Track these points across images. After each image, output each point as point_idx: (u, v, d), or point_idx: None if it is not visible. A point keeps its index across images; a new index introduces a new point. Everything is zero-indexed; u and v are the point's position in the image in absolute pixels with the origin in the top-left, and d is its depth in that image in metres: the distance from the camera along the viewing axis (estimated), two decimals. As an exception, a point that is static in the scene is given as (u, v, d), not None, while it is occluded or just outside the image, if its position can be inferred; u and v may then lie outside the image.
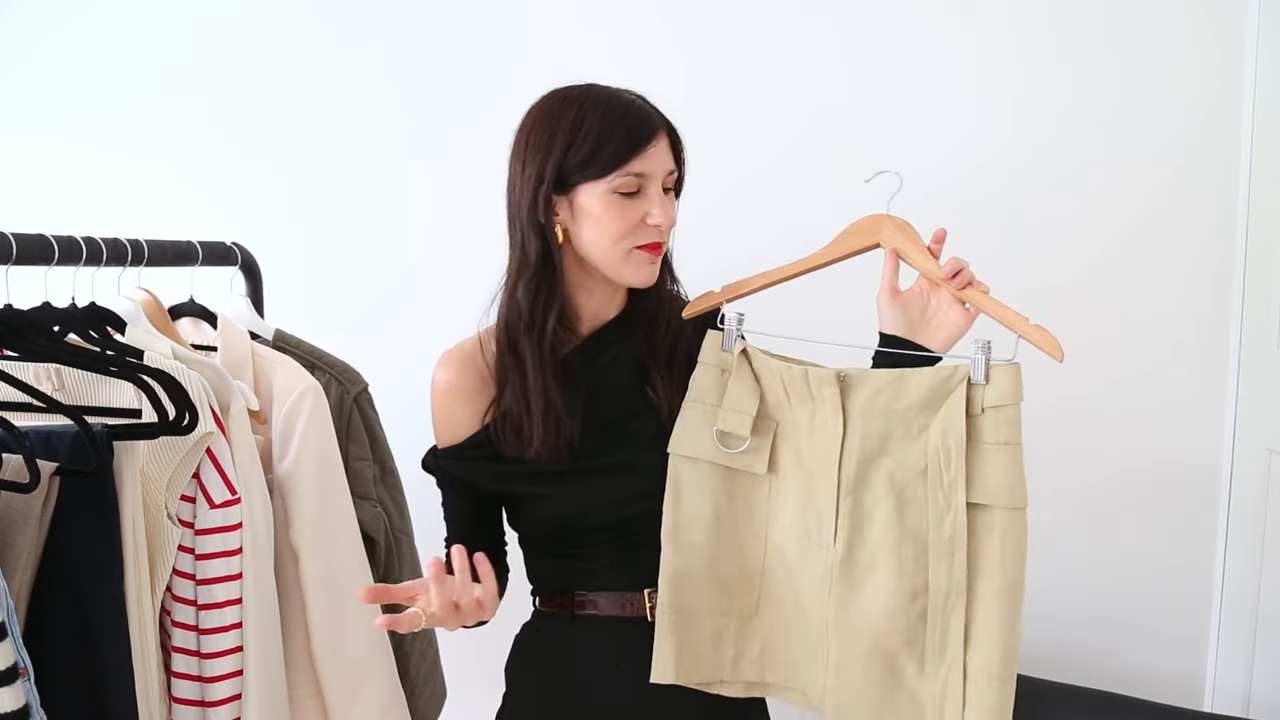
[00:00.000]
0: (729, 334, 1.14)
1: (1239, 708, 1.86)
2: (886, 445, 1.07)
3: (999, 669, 1.03)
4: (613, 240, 1.12)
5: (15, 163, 2.10)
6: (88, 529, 0.97)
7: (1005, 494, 1.03)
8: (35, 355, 1.05)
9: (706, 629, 1.15)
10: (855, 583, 1.08)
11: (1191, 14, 1.83)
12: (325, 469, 1.24)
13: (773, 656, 1.16)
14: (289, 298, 1.63)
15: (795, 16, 1.92)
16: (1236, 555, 1.87)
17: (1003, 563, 1.03)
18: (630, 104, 1.13)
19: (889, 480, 1.07)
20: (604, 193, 1.11)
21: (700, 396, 1.15)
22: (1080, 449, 1.90)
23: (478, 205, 1.22)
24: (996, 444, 1.03)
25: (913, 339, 1.13)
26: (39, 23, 2.07)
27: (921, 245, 1.12)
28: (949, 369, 1.05)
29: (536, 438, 1.14)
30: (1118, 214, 1.87)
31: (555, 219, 1.14)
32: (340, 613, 1.22)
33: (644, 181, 1.12)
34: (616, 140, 1.10)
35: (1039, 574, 1.91)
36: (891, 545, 1.06)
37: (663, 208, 1.12)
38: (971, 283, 1.10)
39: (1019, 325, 1.05)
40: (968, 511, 1.04)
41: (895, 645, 1.06)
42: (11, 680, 0.82)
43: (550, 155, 1.11)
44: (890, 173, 1.12)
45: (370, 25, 2.01)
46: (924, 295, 1.14)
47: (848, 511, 1.08)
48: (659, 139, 1.13)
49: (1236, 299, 1.85)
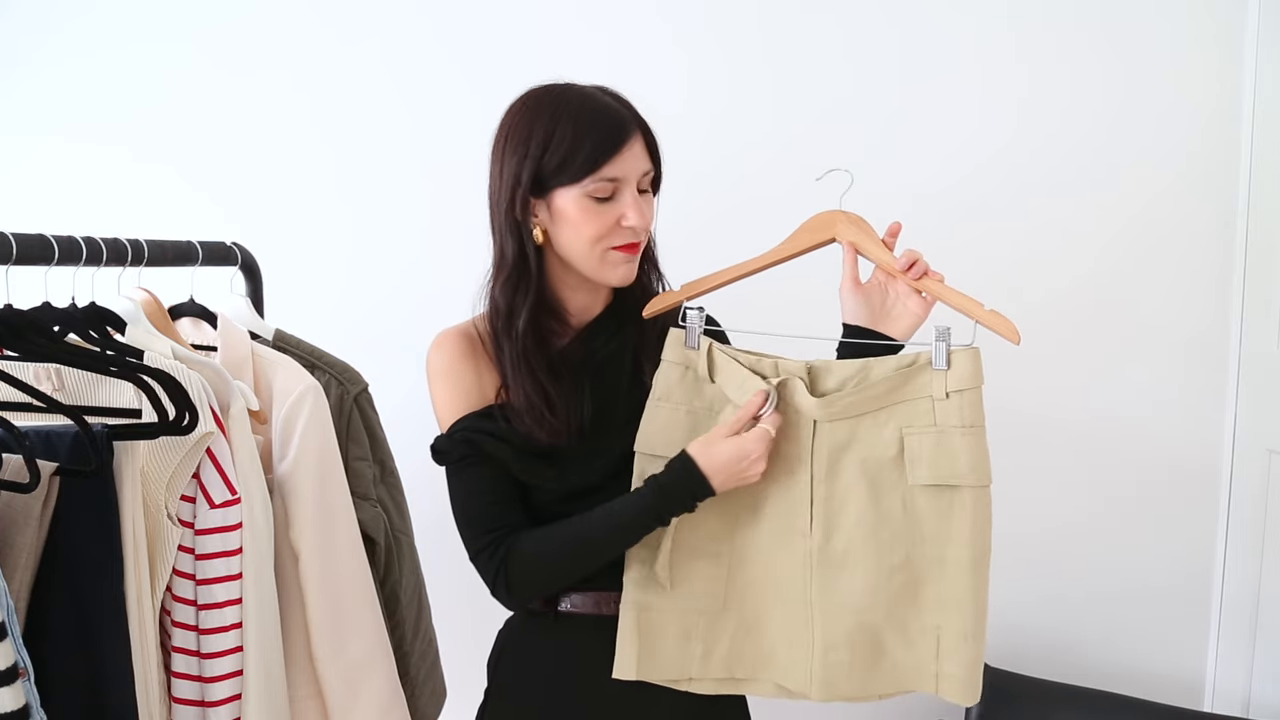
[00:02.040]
0: (691, 331, 1.17)
1: (1239, 708, 1.86)
2: (855, 433, 1.12)
3: (971, 629, 1.11)
4: (589, 243, 1.14)
5: (15, 163, 2.09)
6: (88, 529, 0.97)
7: (972, 473, 1.09)
8: (35, 355, 1.05)
9: (673, 626, 1.16)
10: (836, 566, 1.12)
11: (1192, 15, 1.83)
12: (325, 469, 1.24)
13: (741, 651, 1.18)
14: (289, 298, 1.63)
15: (796, 16, 1.92)
16: (1236, 555, 1.87)
17: (973, 536, 1.10)
18: (604, 108, 1.14)
19: (860, 466, 1.12)
20: (578, 197, 1.13)
21: (666, 394, 1.17)
22: (1080, 448, 1.91)
23: (477, 205, 1.23)
24: (961, 426, 1.09)
25: (875, 329, 1.17)
26: (40, 24, 2.07)
27: (876, 239, 1.16)
28: (910, 356, 1.10)
29: (532, 422, 1.15)
30: (1119, 214, 1.87)
31: (534, 220, 1.16)
32: (340, 613, 1.22)
33: (618, 185, 1.13)
34: (589, 146, 1.11)
35: (1040, 575, 1.92)
36: (868, 528, 1.11)
37: (637, 209, 1.14)
38: (927, 272, 1.13)
39: (975, 311, 1.09)
40: (938, 492, 1.10)
41: (878, 619, 1.12)
42: (11, 680, 0.82)
43: (526, 159, 1.13)
44: (841, 170, 1.16)
45: (370, 25, 2.01)
46: (883, 287, 1.18)
47: (822, 499, 1.13)
48: (632, 142, 1.14)
49: (1236, 299, 1.85)
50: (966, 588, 1.10)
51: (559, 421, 1.15)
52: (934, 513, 1.11)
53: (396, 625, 1.38)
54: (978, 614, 1.11)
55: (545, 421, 1.15)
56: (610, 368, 1.22)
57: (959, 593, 1.11)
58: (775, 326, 1.18)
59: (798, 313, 1.30)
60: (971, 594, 1.10)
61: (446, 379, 1.20)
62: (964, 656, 1.11)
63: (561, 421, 1.16)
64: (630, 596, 1.16)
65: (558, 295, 1.22)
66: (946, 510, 1.10)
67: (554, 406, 1.16)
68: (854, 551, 1.11)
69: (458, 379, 1.19)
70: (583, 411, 1.18)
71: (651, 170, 1.17)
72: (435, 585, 1.54)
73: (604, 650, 1.17)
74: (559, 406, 1.16)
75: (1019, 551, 1.73)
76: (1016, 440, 1.54)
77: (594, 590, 1.20)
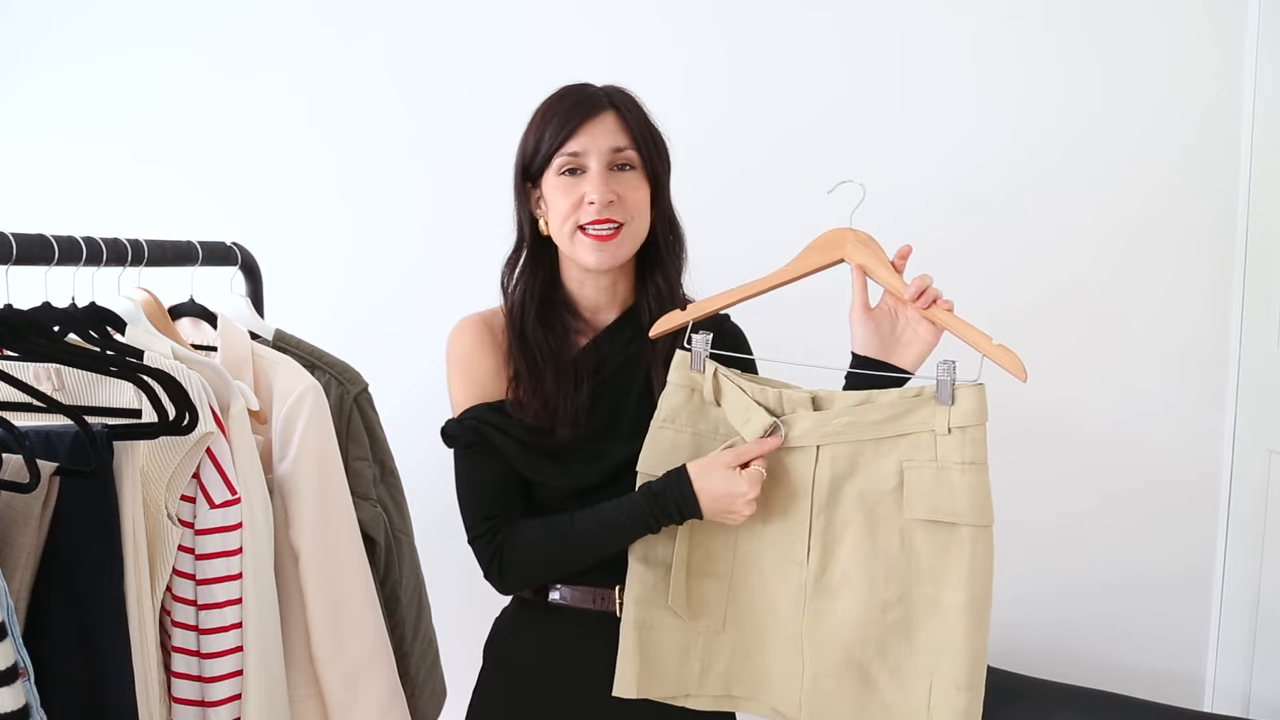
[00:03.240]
0: (696, 356, 1.15)
1: (1239, 708, 1.86)
2: (856, 464, 1.10)
3: (965, 679, 1.06)
4: (560, 221, 1.18)
5: (15, 163, 2.10)
6: (88, 529, 0.97)
7: (971, 512, 1.05)
8: (35, 355, 1.05)
9: (673, 644, 1.16)
10: (829, 597, 1.10)
11: (1192, 15, 1.83)
12: (325, 469, 1.24)
13: (740, 670, 1.17)
14: (289, 298, 1.63)
15: (797, 16, 1.92)
16: (1236, 555, 1.87)
17: (970, 578, 1.06)
18: (579, 92, 1.19)
19: (859, 498, 1.09)
20: (552, 176, 1.18)
21: (671, 417, 1.16)
22: (1079, 448, 1.91)
23: (477, 205, 1.24)
24: (962, 463, 1.05)
25: (885, 358, 1.14)
26: (40, 24, 2.07)
27: (886, 261, 1.13)
28: (915, 389, 1.08)
29: (530, 404, 1.18)
30: (1118, 214, 1.87)
31: (538, 211, 1.22)
32: (340, 613, 1.22)
33: (581, 160, 1.16)
34: (555, 124, 1.16)
35: (1040, 575, 1.92)
36: (862, 561, 1.09)
37: (598, 183, 1.15)
38: (937, 300, 1.10)
39: (983, 345, 1.06)
40: (936, 529, 1.07)
41: (868, 656, 1.09)
42: (11, 680, 0.82)
43: (521, 149, 1.21)
44: (853, 182, 1.12)
45: (370, 26, 2.01)
46: (892, 312, 1.15)
47: (820, 530, 1.11)
48: (599, 117, 1.16)
49: (1236, 299, 1.85)
50: (961, 632, 1.06)
51: (546, 409, 1.18)
52: (931, 550, 1.07)
53: (396, 625, 1.38)
54: (973, 663, 1.06)
55: (531, 405, 1.18)
56: (621, 376, 1.23)
57: (953, 637, 1.06)
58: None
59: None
60: (966, 640, 1.06)
61: (463, 366, 1.23)
62: (955, 707, 1.06)
63: (550, 410, 1.18)
64: (632, 615, 1.16)
65: (566, 288, 1.25)
66: (944, 549, 1.07)
67: (544, 392, 1.18)
68: (849, 583, 1.09)
69: (475, 368, 1.22)
70: (577, 409, 1.19)
71: (628, 149, 1.18)
72: (435, 585, 1.54)
73: (593, 642, 1.19)
74: (550, 395, 1.18)
75: (1018, 550, 1.73)
76: (1015, 439, 1.54)
77: (585, 585, 1.21)
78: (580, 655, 1.21)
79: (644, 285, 1.25)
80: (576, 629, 1.22)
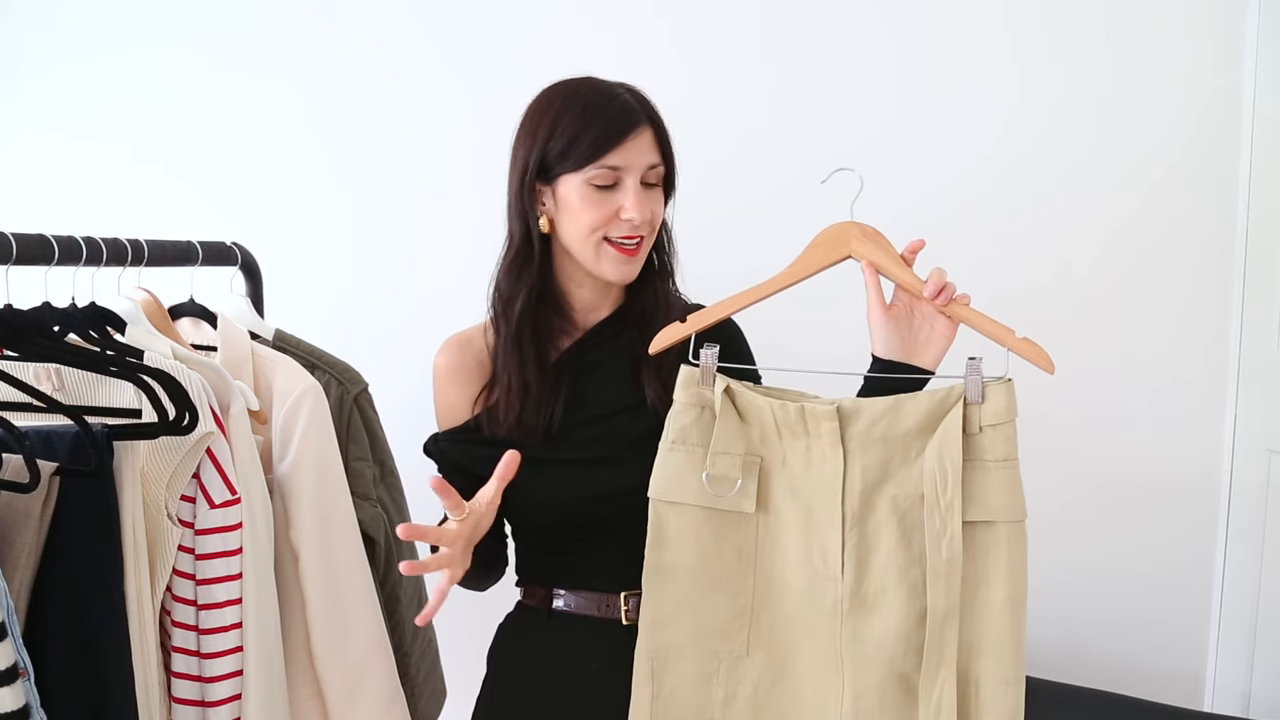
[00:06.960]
0: (704, 370, 1.09)
1: (1239, 708, 1.86)
2: (886, 471, 1.06)
3: (1011, 675, 1.04)
4: (586, 232, 1.15)
5: (15, 163, 2.10)
6: (88, 529, 0.97)
7: (1007, 509, 1.04)
8: (35, 355, 1.05)
9: (692, 671, 1.11)
10: (867, 611, 1.07)
11: (1191, 15, 1.83)
12: (325, 469, 1.24)
13: (766, 697, 1.12)
14: (289, 298, 1.63)
15: (794, 17, 1.92)
16: (1236, 556, 1.87)
17: (1009, 574, 1.04)
18: (614, 97, 1.15)
19: (891, 505, 1.06)
20: (580, 184, 1.13)
21: (681, 437, 1.09)
22: (1080, 449, 1.90)
23: (476, 205, 1.23)
24: (996, 461, 1.03)
25: (907, 359, 1.10)
26: (39, 24, 2.08)
27: (896, 256, 1.08)
28: (944, 390, 1.04)
29: (507, 413, 1.18)
30: (1117, 214, 1.87)
31: (541, 209, 1.18)
32: (340, 613, 1.22)
33: (620, 174, 1.13)
34: (593, 133, 1.12)
35: (1040, 575, 1.90)
36: (899, 570, 1.06)
37: (637, 201, 1.13)
38: (954, 297, 1.07)
39: (1007, 339, 1.04)
40: (973, 529, 1.04)
41: (909, 667, 1.06)
42: (11, 680, 0.82)
43: (535, 145, 1.16)
44: (848, 170, 1.08)
45: (369, 26, 2.01)
46: (908, 308, 1.11)
47: (853, 544, 1.07)
48: (639, 132, 1.14)
49: (1236, 299, 1.85)
50: (1004, 630, 1.04)
51: (528, 416, 1.18)
52: (970, 551, 1.04)
53: (396, 625, 1.38)
54: (1016, 658, 1.04)
55: (515, 412, 1.18)
56: (596, 372, 1.21)
57: (998, 635, 1.04)
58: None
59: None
60: (1009, 636, 1.04)
61: (437, 390, 1.25)
62: (1005, 703, 1.04)
63: (530, 417, 1.18)
64: (645, 643, 1.10)
65: (561, 288, 1.23)
66: (982, 548, 1.04)
67: (529, 399, 1.18)
68: (886, 593, 1.06)
69: (441, 396, 1.25)
70: (551, 416, 1.18)
71: (660, 165, 1.17)
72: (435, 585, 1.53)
73: (597, 648, 1.18)
74: (531, 402, 1.18)
75: (1019, 551, 1.73)
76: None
77: (590, 591, 1.20)
78: (585, 663, 1.19)
79: (638, 283, 1.23)
80: (581, 636, 1.20)
